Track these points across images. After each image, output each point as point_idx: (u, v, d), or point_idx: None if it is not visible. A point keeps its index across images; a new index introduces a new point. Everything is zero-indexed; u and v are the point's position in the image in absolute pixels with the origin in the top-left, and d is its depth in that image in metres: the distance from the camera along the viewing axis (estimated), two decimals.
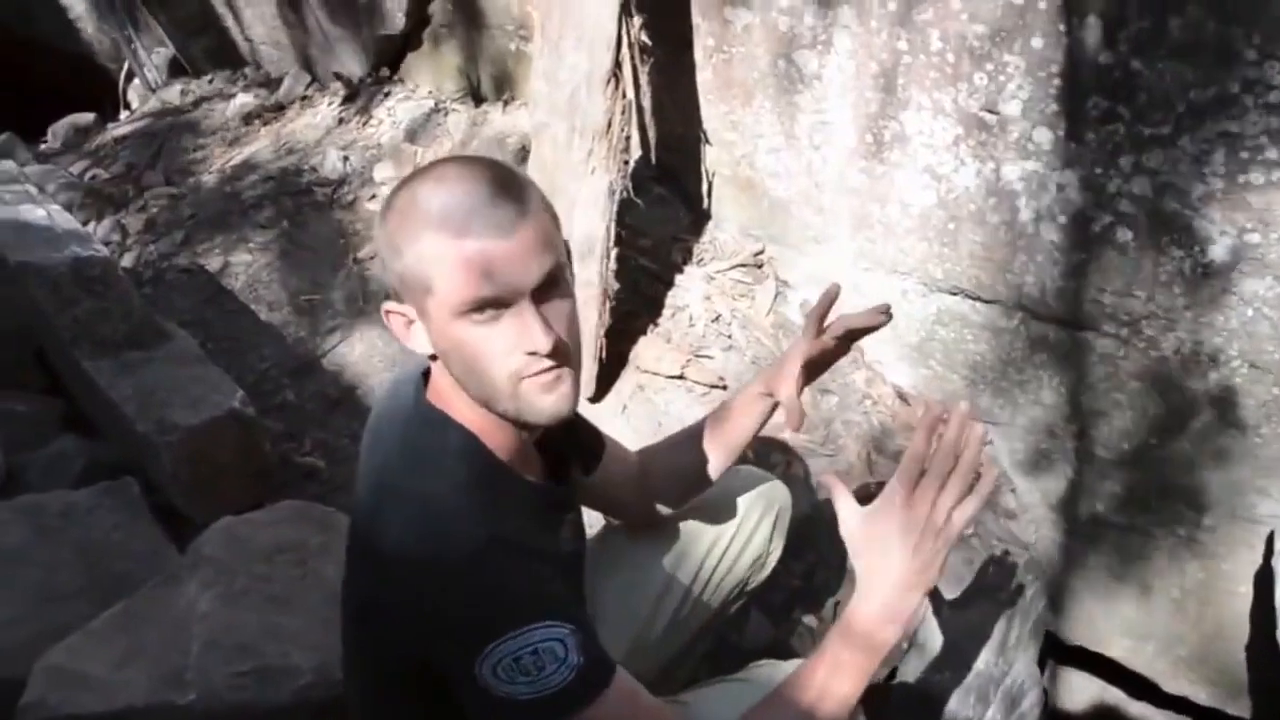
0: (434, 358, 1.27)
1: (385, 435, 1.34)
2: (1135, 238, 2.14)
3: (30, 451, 2.41)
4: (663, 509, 1.75)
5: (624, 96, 2.50)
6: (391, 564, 1.22)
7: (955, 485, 1.25)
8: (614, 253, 2.56)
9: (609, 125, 2.48)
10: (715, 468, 1.72)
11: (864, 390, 2.67)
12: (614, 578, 1.75)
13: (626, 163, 2.58)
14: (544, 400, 1.24)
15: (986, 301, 2.46)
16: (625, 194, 2.58)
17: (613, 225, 2.53)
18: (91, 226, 3.35)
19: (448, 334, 1.21)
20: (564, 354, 1.22)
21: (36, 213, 2.47)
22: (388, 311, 1.26)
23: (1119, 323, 2.24)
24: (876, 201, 2.54)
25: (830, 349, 1.71)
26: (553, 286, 1.21)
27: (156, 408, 2.24)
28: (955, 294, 2.51)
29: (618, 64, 2.47)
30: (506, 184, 1.19)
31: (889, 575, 1.26)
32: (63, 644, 1.89)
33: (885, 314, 1.67)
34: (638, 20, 2.54)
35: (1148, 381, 2.26)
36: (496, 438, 1.29)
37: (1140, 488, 2.38)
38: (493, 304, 1.18)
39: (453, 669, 1.18)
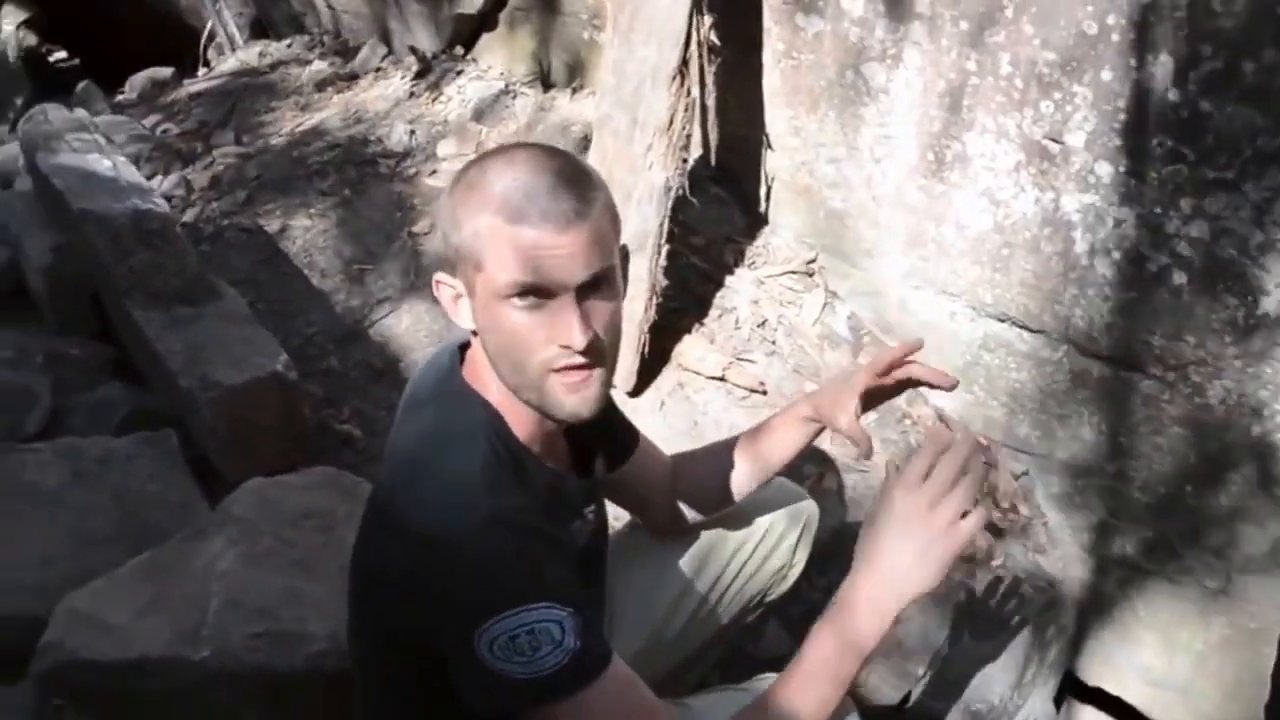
0: (475, 334, 1.29)
1: (417, 407, 1.38)
2: (1189, 281, 2.11)
3: (77, 395, 2.47)
4: (689, 514, 1.75)
5: (688, 94, 2.50)
6: (400, 534, 1.24)
7: (962, 491, 1.24)
8: (665, 249, 2.56)
9: (671, 121, 2.48)
10: (748, 483, 1.72)
11: (904, 409, 2.65)
12: (635, 575, 1.75)
13: (685, 160, 2.58)
14: (568, 399, 1.25)
15: (1033, 331, 2.42)
16: (681, 191, 2.58)
17: (666, 222, 2.54)
18: (158, 180, 3.41)
19: (489, 313, 1.23)
20: (597, 354, 1.24)
21: (103, 163, 2.52)
22: (439, 282, 1.29)
23: (1166, 366, 2.20)
24: (932, 220, 2.52)
25: (888, 389, 1.69)
26: (599, 287, 1.22)
27: (201, 364, 2.28)
28: (1003, 321, 2.48)
29: (685, 61, 2.47)
30: (573, 180, 1.21)
31: (879, 571, 1.25)
32: (87, 588, 1.93)
33: (952, 385, 1.63)
34: (708, 19, 2.54)
35: (1189, 428, 2.22)
36: (522, 422, 1.31)
37: (1172, 535, 2.34)
38: (536, 292, 1.19)
39: (450, 645, 1.19)
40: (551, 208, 1.18)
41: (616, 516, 1.67)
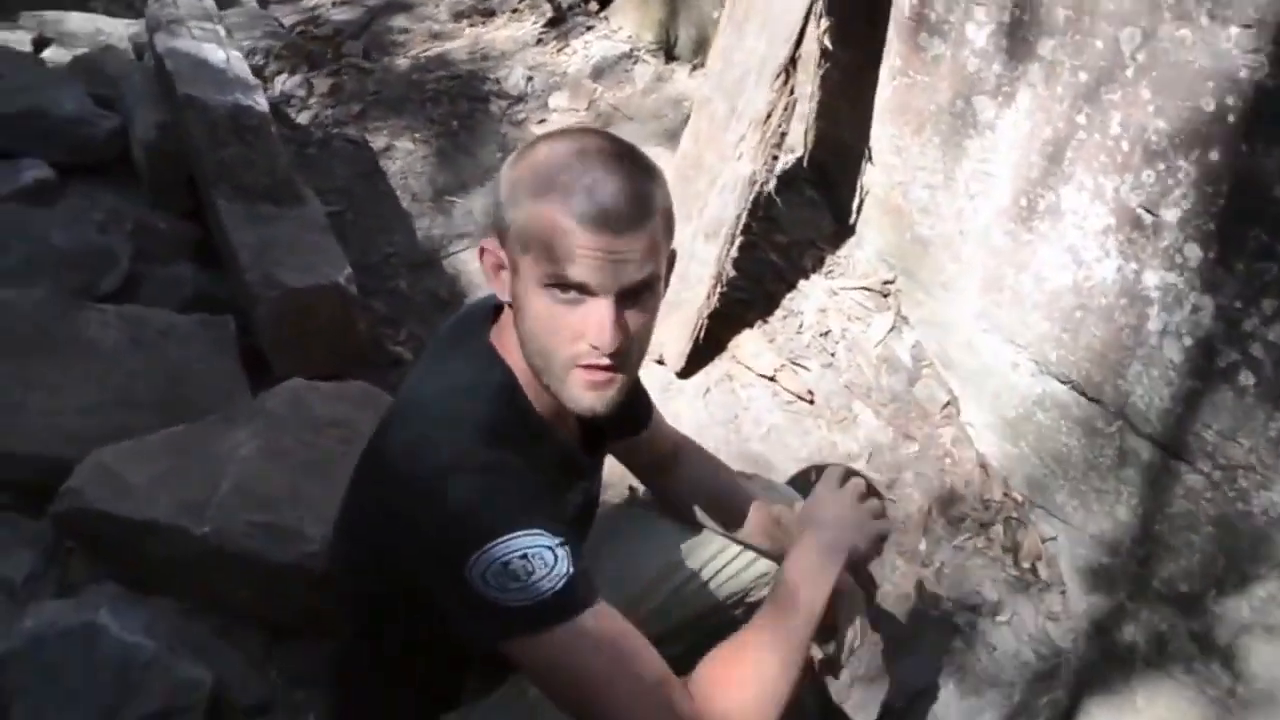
0: (490, 280, 1.31)
1: (440, 354, 1.41)
2: (1257, 384, 2.03)
3: (154, 267, 2.57)
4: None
5: (791, 93, 2.49)
6: (394, 466, 1.27)
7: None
8: (739, 240, 2.56)
9: (768, 116, 2.47)
10: (712, 518, 1.78)
11: (947, 447, 2.62)
12: (617, 548, 1.77)
13: (775, 157, 2.57)
14: (585, 396, 1.27)
15: (1091, 399, 2.37)
16: (766, 186, 2.57)
17: (744, 214, 2.53)
18: (283, 77, 3.52)
19: (528, 295, 1.24)
20: (623, 359, 1.26)
21: (218, 54, 2.61)
22: (484, 249, 1.31)
23: (1215, 464, 2.14)
24: (1013, 267, 2.47)
25: None
26: (639, 294, 1.25)
27: (269, 262, 2.36)
28: (1064, 382, 2.43)
29: (793, 60, 2.45)
30: (639, 184, 1.22)
31: (829, 526, 1.48)
32: (116, 446, 2.03)
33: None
34: (825, 23, 2.51)
35: (1225, 531, 2.15)
36: (537, 390, 1.33)
37: (1186, 635, 2.28)
38: (578, 288, 1.21)
39: (441, 582, 1.20)
40: (613, 211, 1.19)
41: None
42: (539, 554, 1.17)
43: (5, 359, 2.20)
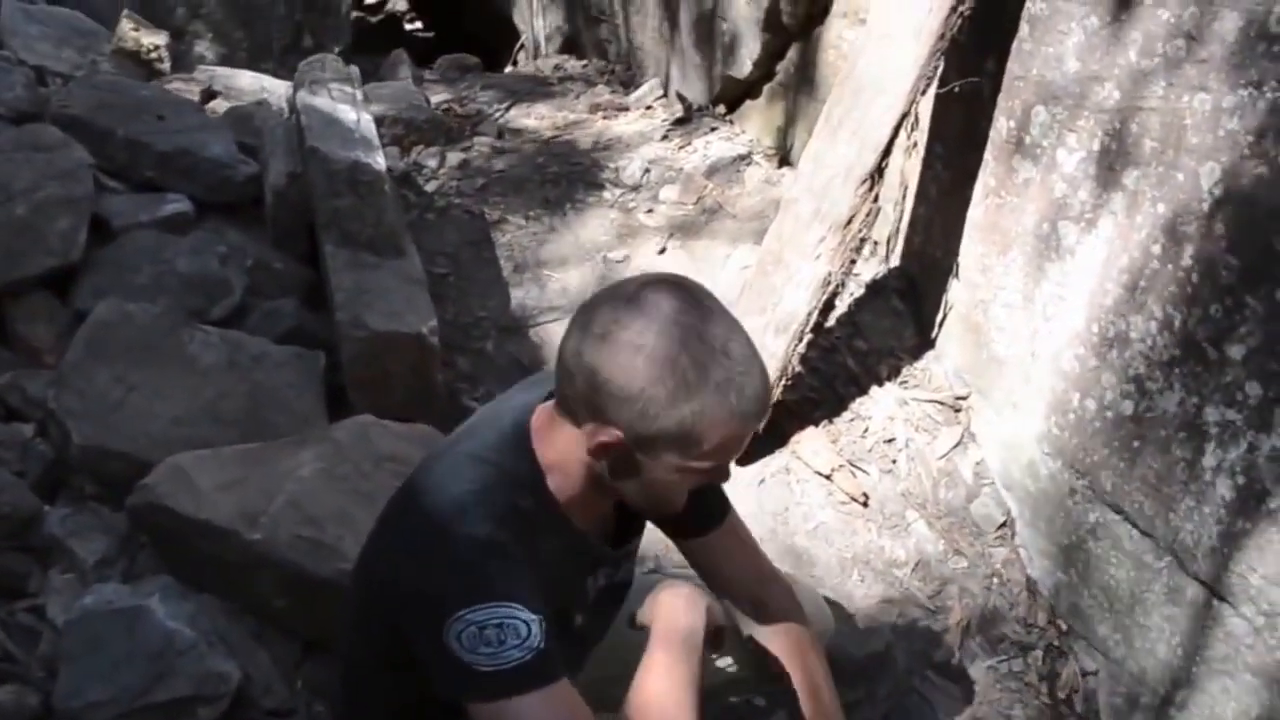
0: (595, 455, 1.34)
1: (477, 430, 1.49)
2: None
3: (262, 299, 2.78)
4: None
5: (875, 200, 2.56)
6: (413, 511, 1.39)
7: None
8: (809, 338, 2.62)
9: (849, 220, 2.55)
10: None
11: (997, 567, 2.60)
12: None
13: (853, 261, 2.64)
14: None
15: (1143, 533, 2.33)
16: (840, 288, 2.64)
17: (815, 312, 2.60)
18: (419, 149, 3.76)
19: (657, 469, 1.33)
20: None
21: (350, 115, 2.84)
22: (605, 444, 1.32)
23: (1258, 609, 2.08)
24: (1079, 392, 2.47)
25: None
26: None
27: (360, 306, 2.53)
28: (1118, 513, 2.39)
29: (880, 169, 2.53)
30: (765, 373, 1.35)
31: (673, 620, 1.46)
32: (194, 453, 2.19)
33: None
34: (917, 138, 2.59)
35: (1264, 680, 2.08)
36: (572, 487, 1.40)
37: None
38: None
39: (421, 635, 1.31)
40: (763, 407, 1.32)
41: None
42: (514, 625, 1.27)
43: (115, 363, 2.40)
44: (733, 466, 1.40)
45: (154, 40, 4.16)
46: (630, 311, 1.28)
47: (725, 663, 1.81)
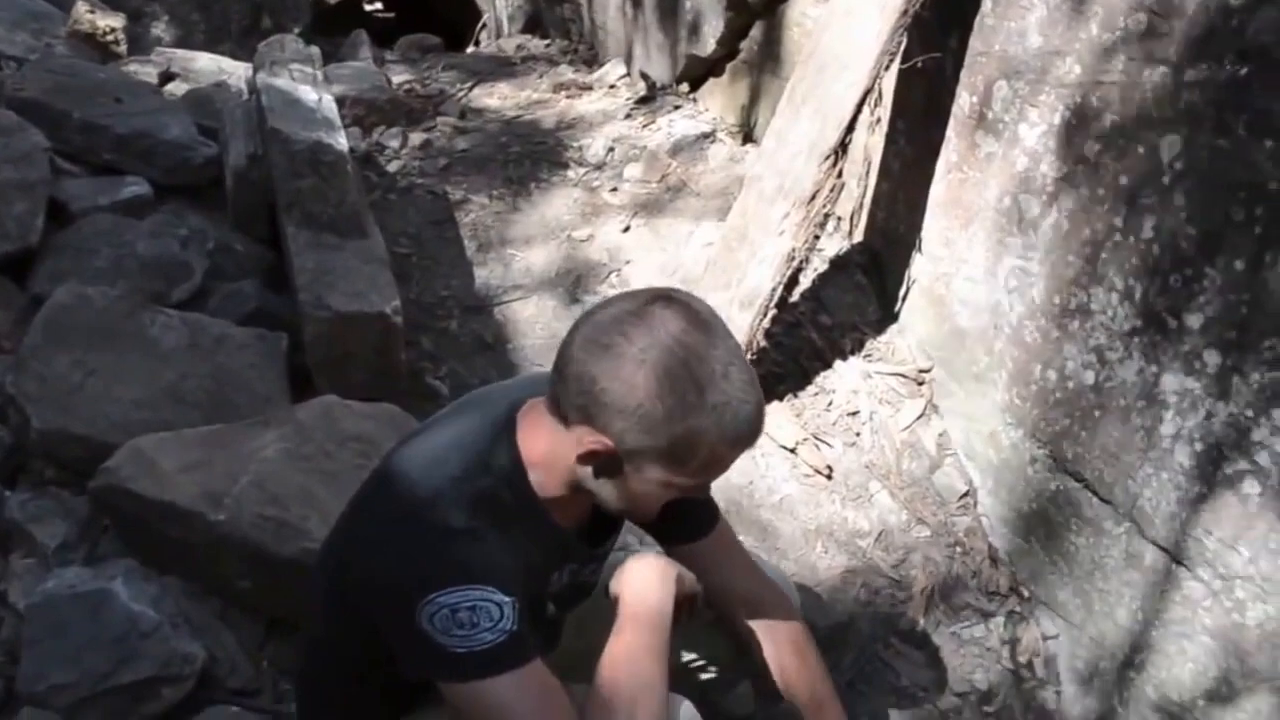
0: (583, 461, 1.34)
1: (470, 411, 1.49)
2: (1260, 494, 2.02)
3: (223, 282, 2.75)
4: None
5: (838, 176, 2.57)
6: (389, 493, 1.39)
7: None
8: (773, 313, 2.63)
9: (813, 196, 2.55)
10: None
11: (960, 536, 2.62)
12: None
13: (817, 237, 2.65)
14: None
15: (1103, 500, 2.36)
16: (804, 264, 2.65)
17: (780, 288, 2.60)
18: (380, 129, 3.74)
19: (641, 480, 1.34)
20: None
21: (310, 95, 2.82)
22: (595, 451, 1.32)
23: (1215, 572, 2.11)
24: (1040, 363, 2.49)
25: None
26: None
27: (322, 286, 2.51)
28: (1079, 482, 2.42)
29: (843, 145, 2.54)
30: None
31: (641, 590, 1.49)
32: (157, 435, 2.17)
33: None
34: (880, 114, 2.60)
35: (1220, 642, 2.11)
36: (553, 484, 1.41)
37: None
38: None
39: (394, 617, 1.31)
40: (756, 433, 1.34)
41: None
42: (487, 608, 1.28)
43: (74, 346, 2.37)
44: None
45: (110, 22, 4.10)
46: (636, 325, 1.28)
47: (691, 657, 1.82)
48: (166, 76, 3.89)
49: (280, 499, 2.04)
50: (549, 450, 1.38)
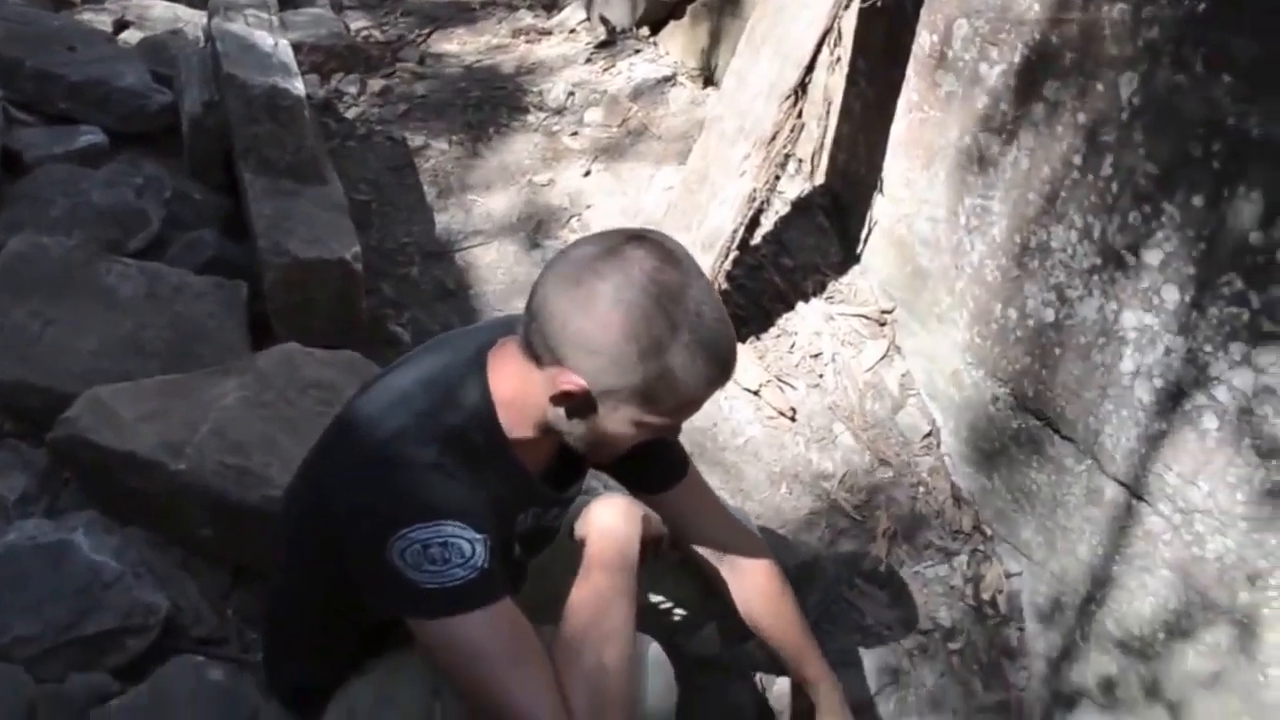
0: (556, 401, 1.34)
1: (439, 351, 1.48)
2: (1219, 429, 2.05)
3: (181, 230, 2.72)
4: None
5: (798, 116, 2.56)
6: (357, 433, 1.38)
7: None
8: (735, 254, 2.63)
9: (774, 137, 2.55)
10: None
11: (923, 476, 2.65)
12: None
13: (778, 177, 2.65)
14: None
15: (1064, 437, 2.39)
16: (765, 205, 2.64)
17: (741, 229, 2.60)
18: (339, 76, 3.69)
19: (614, 421, 1.34)
20: None
21: (266, 40, 2.78)
22: (568, 392, 1.31)
23: (1174, 506, 2.15)
24: (1001, 302, 2.51)
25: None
26: None
27: (281, 233, 2.48)
28: (1040, 420, 2.45)
29: (803, 84, 2.53)
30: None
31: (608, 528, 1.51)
32: (116, 385, 2.15)
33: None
34: (839, 53, 2.59)
35: (1180, 575, 2.16)
36: (521, 424, 1.40)
37: (1132, 678, 2.27)
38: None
39: (363, 554, 1.30)
40: (728, 374, 1.35)
41: None
42: (458, 544, 1.27)
43: (31, 297, 2.34)
44: None
45: None
46: (609, 264, 1.27)
47: (658, 598, 1.84)
48: (121, 24, 3.80)
49: (241, 447, 2.03)
50: (520, 391, 1.37)
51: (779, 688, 2.14)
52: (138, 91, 3.04)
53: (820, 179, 3.15)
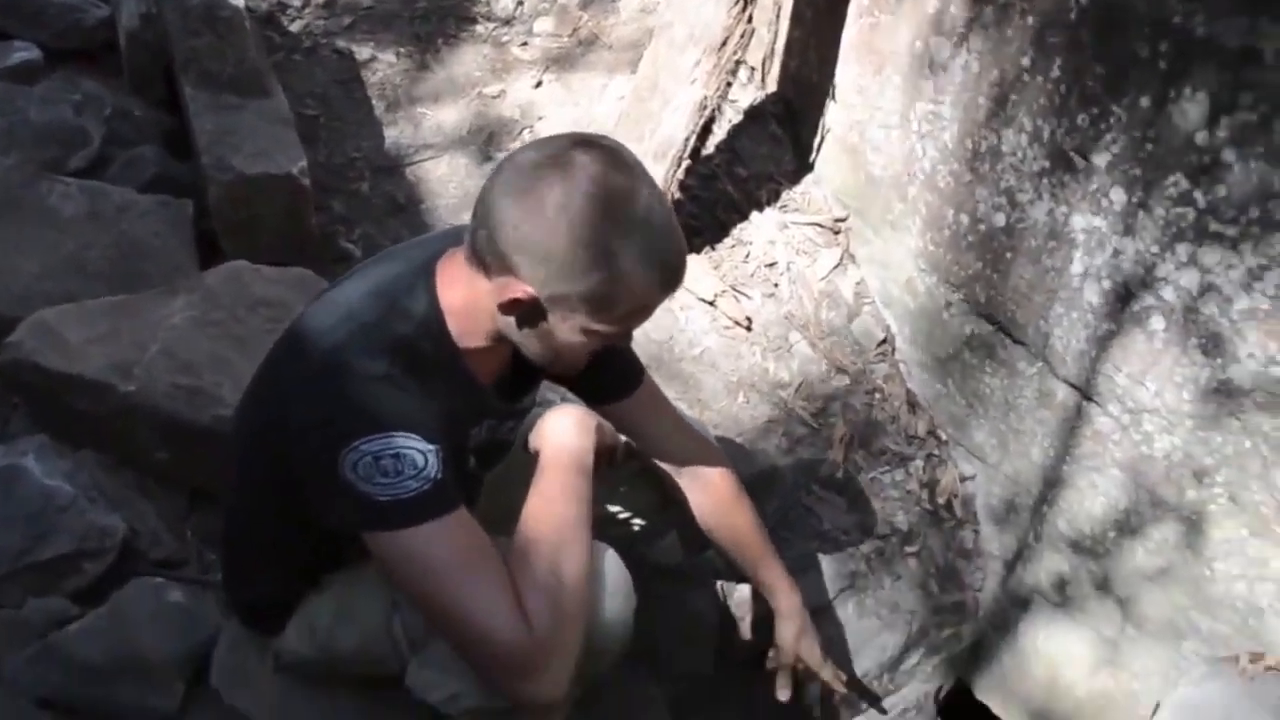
0: (505, 310, 1.32)
1: (387, 262, 1.46)
2: (1165, 328, 2.08)
3: (122, 148, 2.65)
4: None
5: (748, 21, 2.52)
6: (304, 347, 1.36)
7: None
8: (687, 163, 2.61)
9: (724, 43, 2.51)
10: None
11: (878, 383, 2.68)
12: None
13: (729, 84, 2.62)
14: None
15: (1015, 341, 2.42)
16: (716, 112, 2.62)
17: (693, 137, 2.58)
18: None
19: (564, 329, 1.32)
20: None
21: None
22: (517, 300, 1.30)
23: (1123, 407, 2.19)
24: (953, 207, 2.52)
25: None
26: None
27: (225, 148, 2.43)
28: (992, 324, 2.48)
29: None
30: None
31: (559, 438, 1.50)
32: (60, 307, 2.11)
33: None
34: None
35: (1129, 474, 2.21)
36: (472, 333, 1.39)
37: (1084, 575, 2.34)
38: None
39: (315, 469, 1.28)
40: (678, 278, 1.33)
41: None
42: (410, 456, 1.26)
43: None
44: None
45: None
46: (556, 170, 1.25)
47: (616, 508, 1.85)
48: None
49: (191, 366, 2.01)
50: (469, 300, 1.36)
51: (740, 595, 2.19)
52: (73, 5, 2.93)
53: (772, 86, 3.12)
